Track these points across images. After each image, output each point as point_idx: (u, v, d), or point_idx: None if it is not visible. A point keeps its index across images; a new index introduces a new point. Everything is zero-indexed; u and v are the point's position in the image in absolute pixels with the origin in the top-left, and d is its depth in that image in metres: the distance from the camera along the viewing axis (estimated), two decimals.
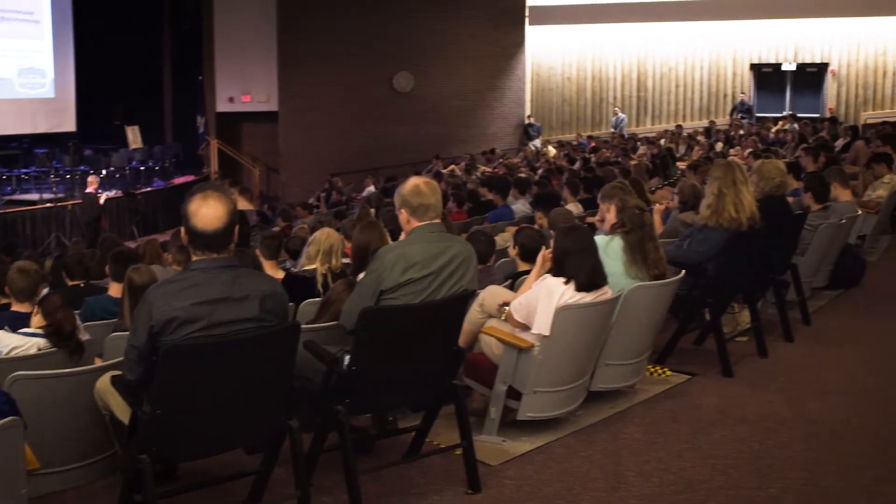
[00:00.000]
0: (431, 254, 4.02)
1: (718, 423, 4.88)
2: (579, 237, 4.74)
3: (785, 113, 23.53)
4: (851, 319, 7.14)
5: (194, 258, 3.36)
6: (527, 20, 26.00)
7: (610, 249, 5.35)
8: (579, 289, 4.61)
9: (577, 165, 16.94)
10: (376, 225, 6.06)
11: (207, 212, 3.30)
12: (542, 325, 4.52)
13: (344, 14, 23.77)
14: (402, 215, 4.19)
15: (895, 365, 5.93)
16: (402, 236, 4.31)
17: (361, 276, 4.40)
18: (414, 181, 4.22)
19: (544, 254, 5.03)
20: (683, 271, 5.47)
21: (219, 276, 3.30)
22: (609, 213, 6.49)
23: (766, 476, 4.22)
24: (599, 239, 5.46)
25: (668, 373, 5.70)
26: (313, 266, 6.11)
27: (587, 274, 4.64)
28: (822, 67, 24.67)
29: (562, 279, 4.62)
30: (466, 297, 4.14)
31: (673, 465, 4.35)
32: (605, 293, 4.76)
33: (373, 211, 11.00)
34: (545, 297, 4.58)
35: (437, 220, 4.15)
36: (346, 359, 3.85)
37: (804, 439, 4.66)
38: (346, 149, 23.85)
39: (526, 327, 4.64)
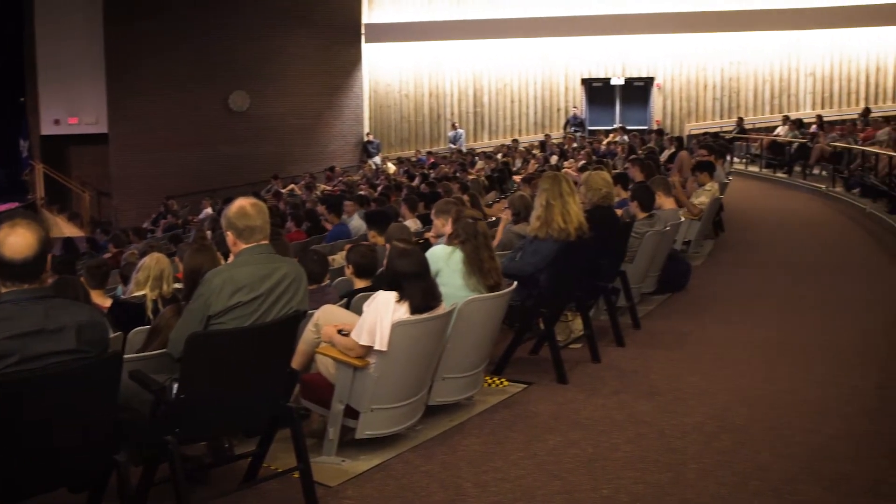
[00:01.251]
0: (259, 276, 3.95)
1: (554, 430, 4.99)
2: (412, 260, 4.76)
3: (615, 125, 24.42)
4: (678, 322, 7.46)
5: (3, 290, 3.20)
6: (363, 38, 26.08)
7: (451, 261, 5.41)
8: (414, 311, 4.63)
9: (416, 181, 17.07)
10: (209, 248, 5.90)
11: (15, 240, 3.15)
12: (379, 340, 4.52)
13: (176, 32, 23.23)
14: (229, 238, 4.11)
15: (718, 364, 6.22)
16: (231, 259, 4.22)
17: None
18: (240, 203, 4.14)
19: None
20: (515, 283, 5.59)
21: (31, 308, 3.15)
22: (445, 227, 6.57)
23: (600, 478, 4.33)
24: (440, 249, 5.52)
25: (505, 383, 5.79)
26: (143, 292, 5.91)
27: (421, 297, 4.67)
28: (649, 82, 25.75)
29: (395, 295, 4.63)
30: (298, 318, 4.09)
31: (510, 473, 4.42)
32: (440, 310, 4.80)
33: (209, 233, 10.75)
34: (382, 313, 4.58)
35: (265, 242, 4.09)
36: (175, 387, 3.74)
37: (634, 440, 4.82)
38: (181, 170, 23.27)
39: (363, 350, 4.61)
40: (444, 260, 5.44)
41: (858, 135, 18.61)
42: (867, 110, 21.52)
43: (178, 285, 6.13)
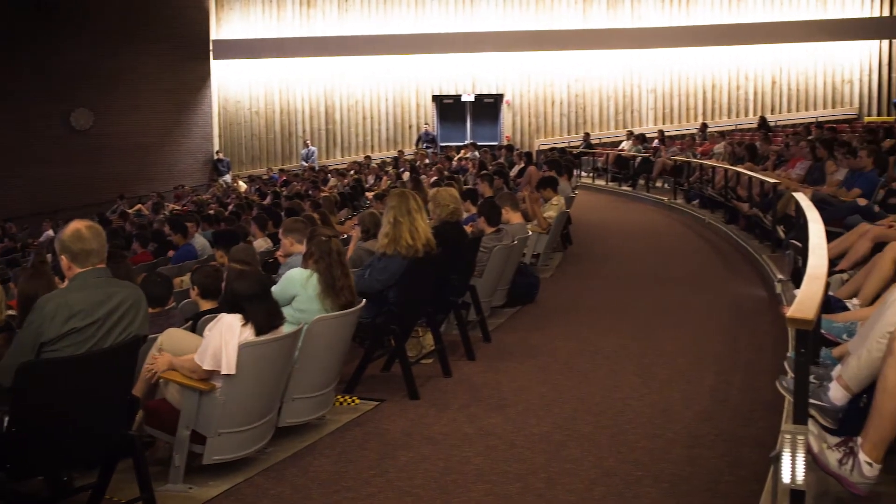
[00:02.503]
0: (95, 301, 3.82)
1: (405, 446, 5.00)
2: (251, 282, 4.70)
3: (466, 142, 24.76)
4: (528, 334, 7.60)
5: None
6: (211, 54, 25.62)
7: (309, 285, 5.37)
8: (258, 333, 4.57)
9: (267, 200, 16.86)
10: (44, 273, 5.68)
11: None
12: (226, 364, 4.43)
13: (14, 46, 22.26)
14: (63, 262, 3.96)
15: (566, 374, 6.37)
16: (65, 283, 4.06)
17: None
18: (75, 225, 4.00)
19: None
20: (364, 300, 5.58)
21: None
22: (293, 246, 6.50)
23: (451, 492, 4.37)
24: (297, 273, 5.46)
25: (357, 401, 5.77)
26: None
27: (263, 318, 4.62)
28: (499, 98, 26.24)
29: (240, 317, 4.56)
30: (138, 344, 3.97)
31: (362, 492, 4.40)
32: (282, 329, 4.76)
33: (49, 257, 10.30)
34: (228, 336, 4.49)
35: (102, 266, 3.96)
36: (5, 420, 3.57)
37: (484, 452, 4.88)
38: (20, 191, 22.29)
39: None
40: (302, 284, 5.39)
41: (697, 149, 19.47)
42: (704, 125, 22.55)
43: (12, 312, 5.86)
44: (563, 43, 25.08)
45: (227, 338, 4.48)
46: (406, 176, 19.38)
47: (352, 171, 21.56)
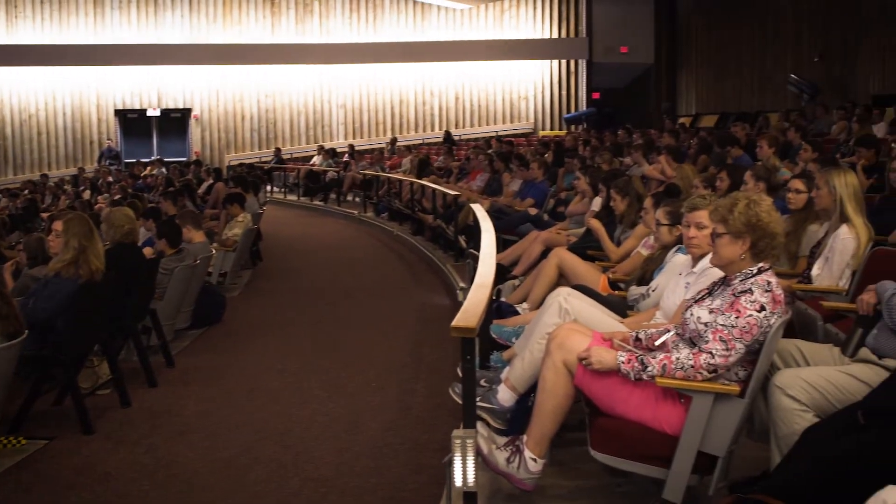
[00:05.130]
0: None
1: (76, 486, 4.66)
2: None
3: (153, 158, 23.84)
4: (214, 355, 7.39)
5: None
6: None
7: None
8: None
9: None
10: None
11: None
12: None
13: None
14: None
15: (252, 395, 6.24)
16: None
17: None
18: None
19: None
20: (27, 331, 5.16)
21: None
22: None
23: None
24: None
25: (24, 441, 5.31)
26: None
27: None
28: (186, 113, 25.50)
29: None
30: None
31: None
32: None
33: None
34: None
35: None
36: None
37: (165, 483, 4.66)
38: None
39: None
40: None
41: (386, 162, 19.94)
42: (394, 139, 23.17)
43: None
44: (251, 57, 24.80)
45: None
46: (87, 194, 18.35)
47: (25, 191, 20.08)
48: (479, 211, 7.67)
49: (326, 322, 8.66)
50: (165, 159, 22.95)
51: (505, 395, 4.20)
